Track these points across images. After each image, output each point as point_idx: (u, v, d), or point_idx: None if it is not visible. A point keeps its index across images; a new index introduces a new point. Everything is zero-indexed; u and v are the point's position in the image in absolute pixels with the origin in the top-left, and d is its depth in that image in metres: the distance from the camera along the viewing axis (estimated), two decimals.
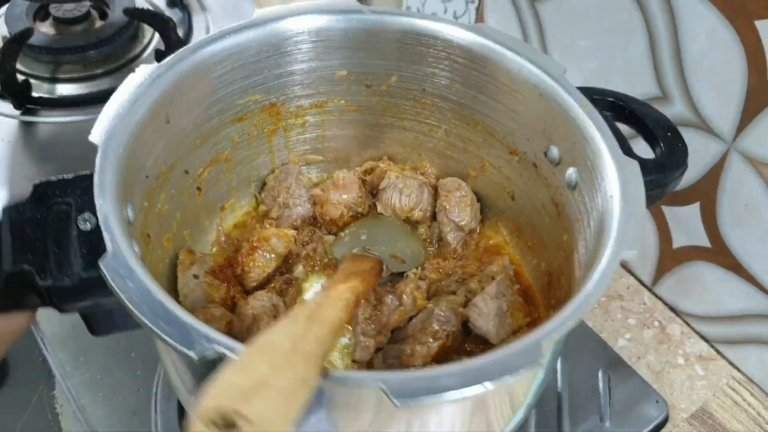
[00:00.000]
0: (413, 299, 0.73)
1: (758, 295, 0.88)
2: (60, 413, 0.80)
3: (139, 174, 0.64)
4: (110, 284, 0.51)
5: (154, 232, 0.68)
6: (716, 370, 0.93)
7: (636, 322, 0.97)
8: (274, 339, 0.47)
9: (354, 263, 0.73)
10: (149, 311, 0.49)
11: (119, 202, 0.57)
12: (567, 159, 0.71)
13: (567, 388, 0.86)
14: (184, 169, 0.73)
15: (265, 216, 0.83)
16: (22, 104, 1.02)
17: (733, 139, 0.83)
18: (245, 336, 0.68)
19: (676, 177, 0.71)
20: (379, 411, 0.53)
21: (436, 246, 0.84)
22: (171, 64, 0.67)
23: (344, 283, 0.63)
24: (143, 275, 0.51)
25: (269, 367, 0.44)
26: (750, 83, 0.80)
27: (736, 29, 0.78)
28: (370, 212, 0.86)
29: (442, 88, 0.79)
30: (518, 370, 0.49)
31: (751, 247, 0.87)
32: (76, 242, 0.58)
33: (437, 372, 0.48)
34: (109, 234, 0.53)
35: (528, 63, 0.72)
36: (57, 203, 0.59)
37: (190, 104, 0.71)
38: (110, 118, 0.61)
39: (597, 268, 0.57)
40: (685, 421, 0.88)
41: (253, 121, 0.79)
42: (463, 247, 0.83)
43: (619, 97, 0.75)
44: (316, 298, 0.57)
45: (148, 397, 0.82)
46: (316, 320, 0.52)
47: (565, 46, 0.99)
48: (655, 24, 0.85)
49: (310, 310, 0.54)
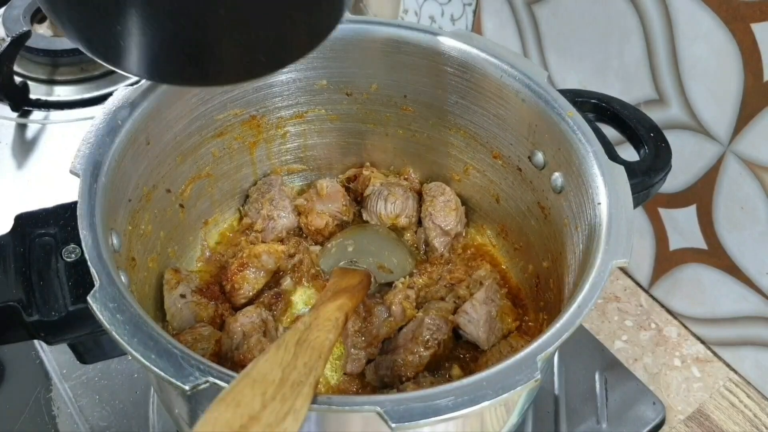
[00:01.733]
0: (402, 309, 0.73)
1: (754, 297, 0.88)
2: (57, 415, 0.81)
3: (121, 199, 0.64)
4: (99, 319, 0.51)
5: (139, 255, 0.68)
6: (713, 371, 0.93)
7: (633, 324, 0.97)
8: (263, 369, 0.47)
9: (342, 278, 0.72)
10: (140, 345, 0.50)
11: (104, 231, 0.57)
12: (552, 164, 0.71)
13: (564, 391, 0.85)
14: (166, 188, 0.73)
15: (250, 229, 0.83)
16: (20, 106, 1.02)
17: (730, 141, 0.83)
18: (235, 353, 0.68)
19: (662, 178, 0.71)
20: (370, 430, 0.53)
21: (423, 251, 0.84)
22: (148, 85, 0.67)
23: (333, 301, 0.62)
24: (132, 307, 0.52)
25: (259, 401, 0.44)
26: (746, 86, 0.79)
27: (732, 32, 0.78)
28: (355, 220, 0.86)
29: (423, 94, 0.79)
30: (515, 388, 0.49)
31: (747, 249, 0.87)
32: (61, 275, 0.58)
33: (432, 393, 0.49)
34: (95, 268, 0.53)
35: (510, 69, 0.72)
36: (40, 235, 0.59)
37: (169, 124, 0.71)
38: (90, 146, 0.61)
39: (588, 277, 0.57)
40: (682, 422, 0.88)
41: (234, 134, 0.79)
42: (449, 251, 0.83)
43: (601, 98, 0.75)
44: (304, 319, 0.57)
45: (146, 400, 0.82)
46: (306, 345, 0.52)
47: (561, 48, 0.98)
48: (652, 27, 0.85)
49: (299, 334, 0.54)
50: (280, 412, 0.44)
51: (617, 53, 0.90)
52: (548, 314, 0.75)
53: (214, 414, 0.42)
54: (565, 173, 0.69)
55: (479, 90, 0.75)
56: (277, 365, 0.48)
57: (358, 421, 0.53)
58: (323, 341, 0.54)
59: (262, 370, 0.47)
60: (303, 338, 0.53)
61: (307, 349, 0.52)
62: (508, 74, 0.72)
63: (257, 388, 0.45)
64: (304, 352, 0.51)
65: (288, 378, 0.47)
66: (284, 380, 0.46)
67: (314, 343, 0.53)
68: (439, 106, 0.80)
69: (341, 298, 0.63)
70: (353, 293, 0.67)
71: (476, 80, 0.74)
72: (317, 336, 0.54)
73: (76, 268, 0.58)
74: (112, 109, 0.64)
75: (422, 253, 0.84)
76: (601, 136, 0.68)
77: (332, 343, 0.55)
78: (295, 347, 0.51)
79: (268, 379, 0.46)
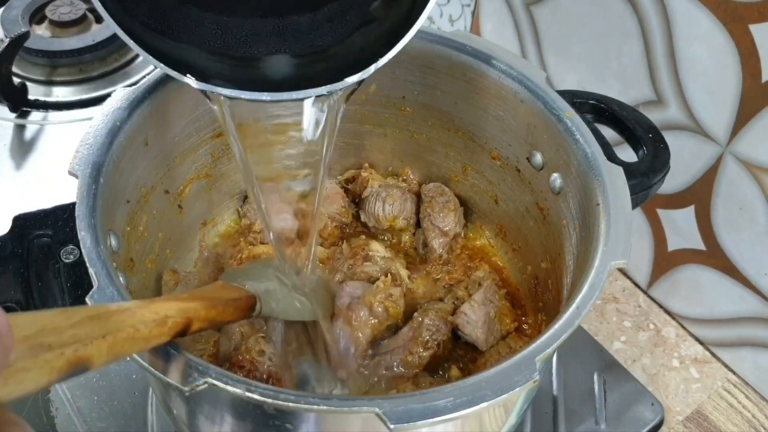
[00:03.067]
0: (385, 308, 0.73)
1: (753, 297, 0.88)
2: (55, 416, 0.81)
3: (120, 200, 0.64)
4: None
5: (137, 256, 0.68)
6: (711, 372, 0.93)
7: (631, 325, 0.97)
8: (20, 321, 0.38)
9: (215, 289, 0.63)
10: None
11: (102, 232, 0.57)
12: (550, 165, 0.71)
13: (562, 392, 0.85)
14: (164, 189, 0.73)
15: (248, 230, 0.83)
16: (18, 107, 1.02)
17: (728, 142, 0.83)
18: (234, 354, 0.68)
19: (660, 179, 0.71)
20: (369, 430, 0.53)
21: (422, 252, 0.84)
22: (147, 86, 0.67)
23: (179, 301, 0.53)
24: None
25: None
26: (744, 87, 0.79)
27: (731, 33, 0.78)
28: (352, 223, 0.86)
29: (421, 95, 0.79)
30: (514, 389, 0.49)
31: (745, 249, 0.87)
32: (59, 276, 0.58)
33: (431, 394, 0.49)
34: (94, 269, 0.53)
35: (508, 69, 0.72)
36: (38, 236, 0.59)
37: (168, 124, 0.71)
38: (88, 147, 0.61)
39: (587, 278, 0.57)
40: (680, 423, 0.88)
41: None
42: (448, 252, 0.83)
43: (599, 99, 0.75)
44: (125, 304, 0.49)
45: (144, 401, 0.82)
46: (96, 321, 0.43)
47: (560, 49, 0.98)
48: (650, 28, 0.85)
49: (102, 311, 0.45)
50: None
51: (616, 54, 0.90)
52: (547, 315, 0.75)
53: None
54: (563, 174, 0.69)
55: (478, 91, 0.75)
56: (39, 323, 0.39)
57: (357, 422, 0.53)
58: (124, 326, 0.45)
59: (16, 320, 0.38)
60: (102, 315, 0.44)
61: (94, 325, 0.42)
62: (507, 75, 0.72)
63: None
64: (87, 326, 0.42)
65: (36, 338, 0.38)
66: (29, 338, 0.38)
67: (110, 324, 0.44)
68: (438, 107, 0.80)
69: (194, 303, 0.53)
70: (215, 305, 0.56)
71: (475, 81, 0.74)
72: (122, 320, 0.45)
73: (75, 269, 0.58)
74: (111, 110, 0.64)
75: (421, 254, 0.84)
76: (600, 137, 0.68)
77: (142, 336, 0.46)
78: (81, 318, 0.42)
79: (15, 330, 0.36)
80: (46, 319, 0.40)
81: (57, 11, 1.09)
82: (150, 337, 0.47)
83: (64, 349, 0.39)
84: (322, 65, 0.58)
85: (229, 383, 0.48)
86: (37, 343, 0.38)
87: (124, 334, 0.44)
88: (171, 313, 0.50)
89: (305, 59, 0.58)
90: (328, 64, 0.58)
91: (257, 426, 0.56)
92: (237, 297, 0.62)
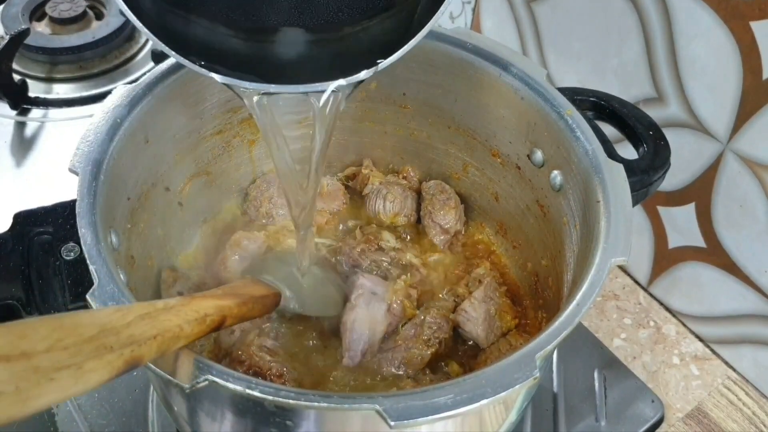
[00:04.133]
0: (403, 308, 0.73)
1: (753, 295, 0.88)
2: (56, 413, 0.81)
3: (120, 197, 0.64)
4: None
5: (138, 253, 0.68)
6: (711, 369, 0.93)
7: (631, 322, 0.97)
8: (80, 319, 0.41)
9: (246, 285, 0.66)
10: None
11: (103, 230, 0.57)
12: (551, 162, 0.71)
13: (563, 389, 0.86)
14: (165, 186, 0.73)
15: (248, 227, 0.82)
16: (19, 104, 1.02)
17: (728, 139, 0.83)
18: (233, 351, 0.68)
19: (660, 176, 0.71)
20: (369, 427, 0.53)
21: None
22: (147, 83, 0.67)
23: (215, 299, 0.56)
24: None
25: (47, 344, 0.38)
26: (745, 84, 0.79)
27: (731, 30, 0.78)
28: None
29: (422, 92, 0.79)
30: (514, 386, 0.49)
31: (745, 247, 0.87)
32: (60, 273, 0.58)
33: (431, 391, 0.49)
34: (94, 266, 0.53)
35: (509, 67, 0.72)
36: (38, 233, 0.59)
37: (168, 122, 0.71)
38: (89, 144, 0.61)
39: (587, 275, 0.57)
40: (680, 420, 0.88)
41: (233, 133, 0.79)
42: (449, 249, 0.83)
43: (600, 96, 0.75)
44: (169, 301, 0.51)
45: (145, 398, 0.82)
46: (147, 321, 0.46)
47: (560, 47, 0.98)
48: (651, 25, 0.85)
49: (150, 309, 0.48)
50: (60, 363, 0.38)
51: (616, 51, 0.90)
52: (547, 312, 0.75)
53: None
54: (564, 171, 0.69)
55: (478, 88, 0.75)
56: (99, 323, 0.42)
57: (357, 419, 0.53)
58: (171, 326, 0.48)
59: (77, 320, 0.41)
60: (152, 314, 0.47)
61: (146, 325, 0.46)
62: (508, 72, 0.72)
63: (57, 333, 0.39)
64: (140, 326, 0.45)
65: (99, 339, 0.41)
66: (94, 339, 0.40)
67: (159, 324, 0.47)
68: (438, 105, 0.80)
69: (227, 301, 0.57)
70: (246, 303, 0.60)
71: (475, 78, 0.74)
72: (169, 319, 0.48)
73: (75, 266, 0.58)
74: (111, 108, 0.64)
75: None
76: (600, 135, 0.68)
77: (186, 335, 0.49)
78: (134, 317, 0.45)
79: (76, 331, 0.40)
80: (104, 319, 0.43)
81: (57, 8, 1.09)
82: (191, 335, 0.50)
83: (123, 350, 0.42)
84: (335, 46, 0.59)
85: (230, 380, 0.48)
86: (101, 344, 0.41)
87: (170, 334, 0.48)
88: (210, 311, 0.53)
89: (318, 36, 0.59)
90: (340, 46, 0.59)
91: (258, 423, 0.56)
92: (265, 294, 0.65)
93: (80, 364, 0.39)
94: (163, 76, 0.68)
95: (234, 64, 0.56)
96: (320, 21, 0.58)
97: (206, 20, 0.56)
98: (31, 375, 0.36)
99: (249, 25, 0.57)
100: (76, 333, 0.40)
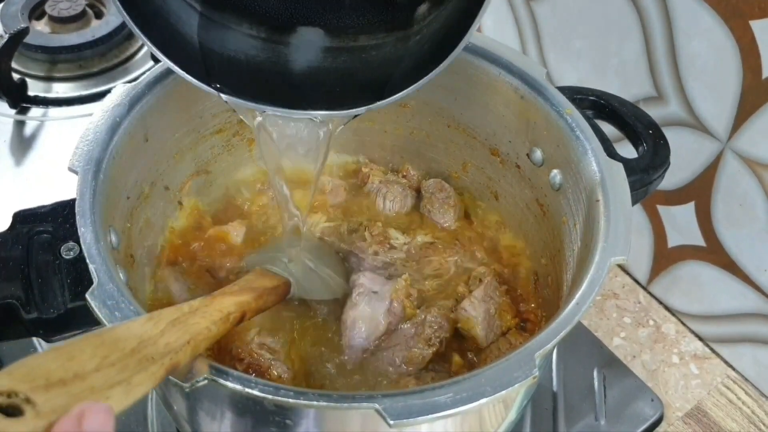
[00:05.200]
0: (403, 307, 0.73)
1: (752, 294, 0.88)
2: None
3: (120, 196, 0.64)
4: (98, 316, 0.51)
5: (137, 252, 0.68)
6: (711, 368, 0.93)
7: (631, 321, 0.97)
8: (118, 334, 0.43)
9: (257, 278, 0.67)
10: None
11: (102, 229, 0.57)
12: (550, 161, 0.71)
13: (562, 388, 0.86)
14: (164, 185, 0.73)
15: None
16: (18, 103, 1.02)
17: (728, 138, 0.83)
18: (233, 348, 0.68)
19: (660, 175, 0.71)
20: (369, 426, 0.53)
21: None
22: (147, 82, 0.67)
23: (234, 296, 0.58)
24: (130, 304, 0.52)
25: (95, 363, 0.39)
26: (745, 83, 0.79)
27: (731, 29, 0.78)
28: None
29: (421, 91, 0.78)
30: (513, 385, 0.49)
31: (745, 246, 0.87)
32: (60, 272, 0.58)
33: (431, 390, 0.49)
34: (94, 265, 0.53)
35: (509, 66, 0.72)
36: (38, 233, 0.59)
37: (168, 121, 0.71)
38: (88, 143, 0.61)
39: (587, 274, 0.57)
40: (680, 419, 0.88)
41: (233, 131, 0.79)
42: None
43: (599, 95, 0.75)
44: (193, 303, 0.52)
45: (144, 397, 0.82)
46: (179, 327, 0.48)
47: (560, 45, 0.98)
48: (651, 24, 0.85)
49: (179, 314, 0.49)
50: (112, 380, 0.39)
51: (616, 50, 0.90)
52: (546, 311, 0.75)
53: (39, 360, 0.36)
54: (563, 170, 0.69)
55: (478, 87, 0.75)
56: (137, 335, 0.43)
57: (357, 418, 0.53)
58: (201, 329, 0.49)
59: (116, 334, 0.42)
60: (181, 319, 0.49)
61: (178, 330, 0.47)
62: (507, 71, 0.72)
63: (101, 350, 0.40)
64: (173, 333, 0.46)
65: (141, 351, 0.42)
66: (135, 351, 0.42)
67: (190, 328, 0.48)
68: (438, 104, 0.80)
69: (245, 296, 0.59)
70: (261, 295, 0.62)
71: (475, 78, 0.74)
72: (197, 322, 0.50)
73: (75, 265, 0.58)
74: (111, 107, 0.64)
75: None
76: (600, 133, 0.68)
77: (213, 335, 0.51)
78: (166, 324, 0.47)
79: (118, 345, 0.41)
80: (139, 330, 0.44)
81: (56, 7, 1.09)
82: (217, 334, 0.52)
83: (163, 359, 0.43)
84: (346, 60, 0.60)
85: (229, 380, 0.48)
86: (143, 357, 0.42)
87: (201, 336, 0.49)
88: (232, 309, 0.55)
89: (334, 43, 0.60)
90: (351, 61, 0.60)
91: (257, 422, 0.56)
92: (277, 284, 0.67)
93: (129, 379, 0.40)
94: (162, 75, 0.68)
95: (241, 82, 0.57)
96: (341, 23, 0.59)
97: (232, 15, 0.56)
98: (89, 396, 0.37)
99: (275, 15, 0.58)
100: (118, 348, 0.41)
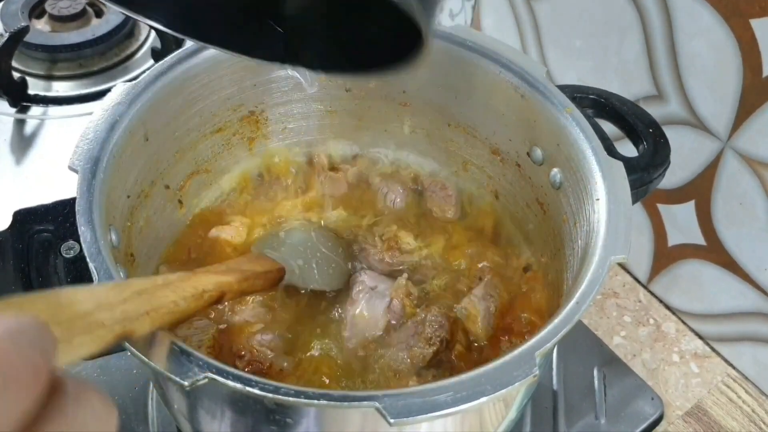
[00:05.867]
0: (403, 306, 0.73)
1: (753, 292, 0.88)
2: None
3: (120, 195, 0.64)
4: None
5: (137, 251, 0.68)
6: (711, 367, 0.93)
7: (631, 320, 0.97)
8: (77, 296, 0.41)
9: (249, 261, 0.66)
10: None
11: (102, 227, 0.57)
12: (550, 160, 0.71)
13: (562, 386, 0.86)
14: (164, 184, 0.73)
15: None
16: (18, 102, 1.02)
17: (728, 137, 0.83)
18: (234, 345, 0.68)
19: (660, 174, 0.71)
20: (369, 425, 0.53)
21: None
22: (147, 81, 0.67)
23: (216, 275, 0.56)
24: None
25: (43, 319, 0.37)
26: (745, 82, 0.79)
27: (732, 28, 0.78)
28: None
29: (422, 90, 0.79)
30: (513, 384, 0.49)
31: (745, 245, 0.87)
32: (60, 271, 0.58)
33: (431, 388, 0.48)
34: (94, 263, 0.53)
35: (509, 65, 0.72)
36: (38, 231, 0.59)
37: (168, 120, 0.71)
38: (88, 142, 0.61)
39: (587, 273, 0.57)
40: (680, 418, 0.88)
41: (232, 130, 0.79)
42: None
43: (600, 94, 0.75)
44: (168, 276, 0.51)
45: (145, 396, 0.82)
46: (144, 297, 0.46)
47: (560, 44, 0.98)
48: (651, 23, 0.85)
49: (149, 284, 0.48)
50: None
51: (616, 49, 0.90)
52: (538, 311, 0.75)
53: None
54: (563, 169, 0.69)
55: (478, 86, 0.75)
56: (96, 299, 0.42)
57: (357, 417, 0.53)
58: (166, 302, 0.48)
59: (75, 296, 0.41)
60: (149, 290, 0.47)
61: (142, 301, 0.45)
62: (507, 70, 0.72)
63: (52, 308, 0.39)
64: (135, 302, 0.45)
65: (93, 314, 0.41)
66: (87, 314, 0.40)
67: (154, 300, 0.47)
68: (438, 102, 0.80)
69: (229, 277, 0.57)
70: (248, 278, 0.61)
71: (475, 76, 0.74)
72: (165, 295, 0.48)
73: (75, 264, 0.58)
74: (111, 105, 0.64)
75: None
76: (600, 132, 0.68)
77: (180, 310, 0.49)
78: (131, 293, 0.45)
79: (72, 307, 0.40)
80: (101, 295, 0.43)
81: (57, 6, 1.09)
82: (186, 310, 0.50)
83: (114, 326, 0.42)
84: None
85: (229, 378, 0.48)
86: (93, 321, 0.41)
87: (165, 310, 0.48)
88: (208, 287, 0.53)
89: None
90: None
91: (257, 420, 0.56)
92: (268, 269, 0.66)
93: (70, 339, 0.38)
94: (162, 73, 0.68)
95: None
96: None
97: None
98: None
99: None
100: (71, 309, 0.40)
